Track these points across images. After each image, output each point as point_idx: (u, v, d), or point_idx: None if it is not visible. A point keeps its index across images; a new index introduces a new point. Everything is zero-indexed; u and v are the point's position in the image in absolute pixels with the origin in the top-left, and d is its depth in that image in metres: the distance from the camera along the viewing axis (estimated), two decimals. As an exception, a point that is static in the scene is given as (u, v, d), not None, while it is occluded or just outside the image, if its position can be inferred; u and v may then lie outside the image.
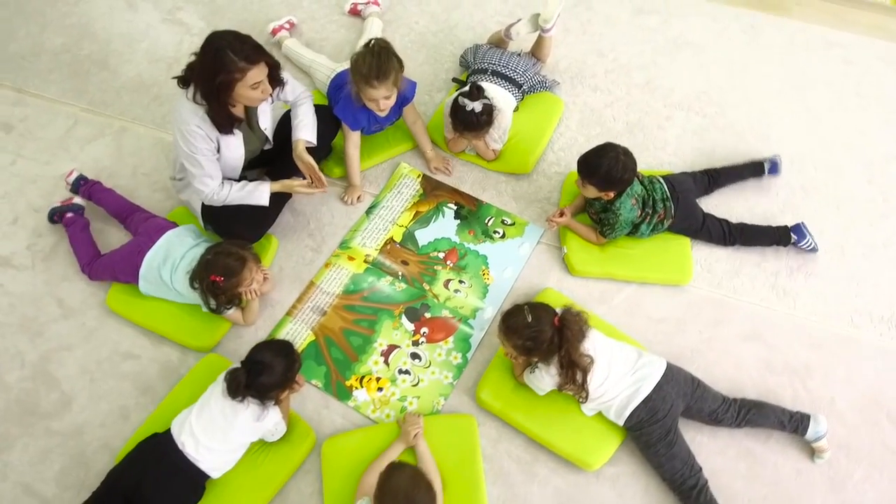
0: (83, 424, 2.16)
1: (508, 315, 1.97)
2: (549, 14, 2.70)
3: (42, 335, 2.33)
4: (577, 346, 1.89)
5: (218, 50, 1.93)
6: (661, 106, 2.87)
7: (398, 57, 2.33)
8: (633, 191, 2.28)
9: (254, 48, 1.98)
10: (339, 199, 2.60)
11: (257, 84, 2.01)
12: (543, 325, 1.90)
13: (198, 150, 2.12)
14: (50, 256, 2.50)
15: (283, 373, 1.90)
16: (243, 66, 1.95)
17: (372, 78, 2.25)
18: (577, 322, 1.90)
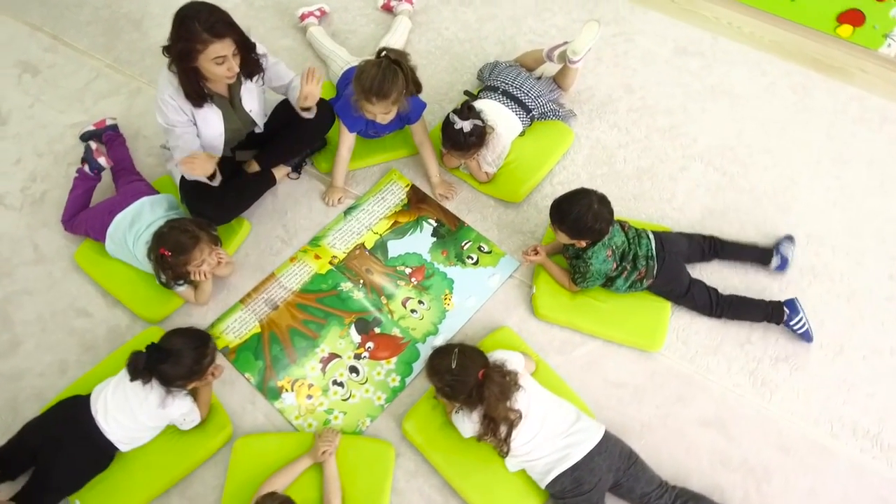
0: (24, 371, 2.20)
1: (436, 354, 1.88)
2: (578, 46, 2.55)
3: (10, 276, 2.40)
4: (496, 405, 1.77)
5: (184, 18, 1.91)
6: (680, 155, 2.67)
7: (408, 76, 2.25)
8: (610, 241, 2.12)
9: (223, 23, 1.95)
10: (320, 198, 2.55)
11: (221, 59, 1.97)
12: (466, 376, 1.79)
13: (171, 122, 2.12)
14: (39, 201, 2.57)
15: (189, 365, 1.86)
16: (206, 37, 1.91)
17: (371, 94, 2.20)
18: (501, 384, 1.78)
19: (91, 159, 2.49)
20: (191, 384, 1.92)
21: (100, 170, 2.51)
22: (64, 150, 2.71)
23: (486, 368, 1.80)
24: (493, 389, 1.76)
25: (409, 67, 2.25)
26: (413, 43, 3.02)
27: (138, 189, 2.41)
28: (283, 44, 3.03)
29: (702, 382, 2.16)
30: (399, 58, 2.23)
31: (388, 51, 2.24)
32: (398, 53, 2.25)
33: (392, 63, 2.20)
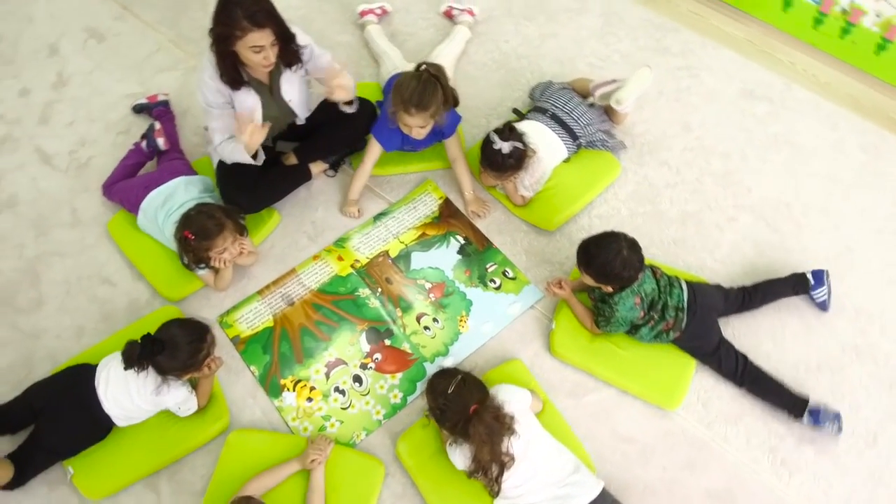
0: (43, 330, 2.26)
1: (440, 374, 1.83)
2: (624, 95, 2.45)
3: (46, 236, 2.46)
4: (480, 446, 1.71)
5: (227, 3, 1.92)
6: (730, 204, 2.52)
7: (446, 90, 2.22)
8: (639, 288, 2.01)
9: (265, 12, 1.94)
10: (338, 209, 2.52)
11: (258, 48, 1.97)
12: (458, 406, 1.74)
13: (209, 103, 2.13)
14: (84, 166, 2.64)
15: (184, 359, 1.86)
16: (246, 25, 1.91)
17: (410, 105, 2.16)
18: (489, 425, 1.70)
19: (150, 137, 2.53)
20: (186, 375, 1.92)
21: (156, 150, 2.54)
22: (116, 118, 2.77)
23: (480, 406, 1.73)
24: (479, 429, 1.70)
25: (447, 82, 2.22)
26: (469, 53, 2.96)
27: (177, 168, 2.43)
28: (340, 39, 3.02)
29: (716, 451, 2.03)
30: (437, 72, 2.19)
31: (427, 65, 2.21)
32: (436, 68, 2.21)
33: (431, 77, 2.17)
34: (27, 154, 2.67)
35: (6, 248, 2.43)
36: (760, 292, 2.18)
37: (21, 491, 1.93)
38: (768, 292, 2.19)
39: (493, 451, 1.72)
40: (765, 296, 2.18)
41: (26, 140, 2.71)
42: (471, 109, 2.78)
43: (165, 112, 2.70)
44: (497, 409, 1.75)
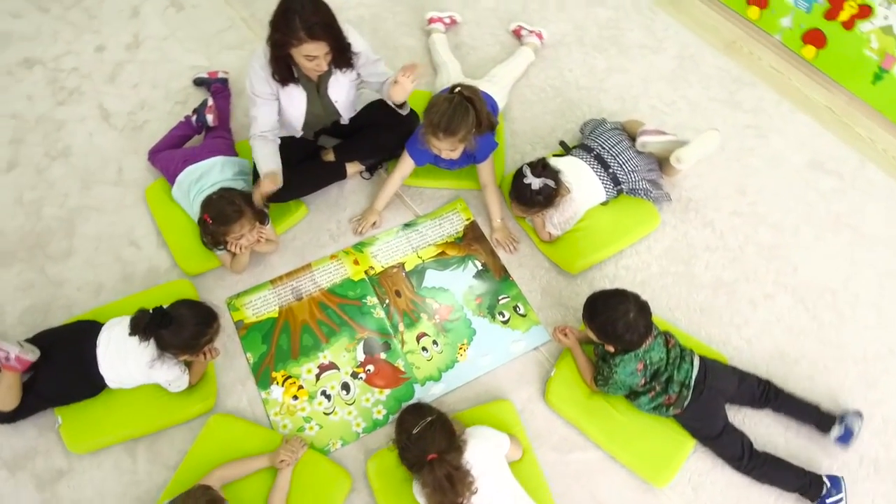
0: (66, 280, 2.36)
1: (412, 408, 1.79)
2: (686, 155, 2.31)
3: (89, 189, 2.57)
4: (430, 495, 1.65)
5: (288, 10, 1.93)
6: (771, 280, 2.35)
7: (480, 114, 2.16)
8: (645, 354, 1.91)
9: (322, 25, 1.95)
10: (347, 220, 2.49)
11: (312, 57, 2.00)
12: (418, 449, 1.69)
13: (256, 91, 2.15)
14: (138, 129, 2.74)
15: (187, 339, 1.89)
16: (302, 35, 1.93)
17: (438, 130, 2.13)
18: (438, 480, 1.63)
19: (201, 112, 2.60)
20: (183, 356, 1.96)
21: (204, 125, 2.61)
22: (177, 88, 2.86)
23: (439, 456, 1.66)
24: (428, 480, 1.64)
25: (482, 103, 2.16)
26: (530, 76, 2.89)
27: (218, 146, 2.49)
28: (405, 42, 3.01)
29: (697, 541, 1.91)
30: (472, 95, 2.14)
31: (462, 87, 2.16)
32: (471, 90, 2.16)
33: (465, 100, 2.12)
34: (90, 109, 2.80)
35: (52, 195, 2.56)
36: (781, 400, 2.02)
37: (12, 428, 2.03)
38: (788, 405, 2.03)
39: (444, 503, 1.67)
40: (782, 405, 2.02)
41: (92, 95, 2.84)
42: (518, 134, 2.72)
43: (222, 89, 2.77)
44: (454, 467, 1.66)
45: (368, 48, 2.24)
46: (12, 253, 2.41)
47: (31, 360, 1.90)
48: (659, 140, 2.34)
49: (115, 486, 1.98)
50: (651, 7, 3.15)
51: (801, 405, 2.03)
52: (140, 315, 1.90)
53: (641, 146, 2.38)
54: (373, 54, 2.26)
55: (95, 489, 1.97)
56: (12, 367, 1.87)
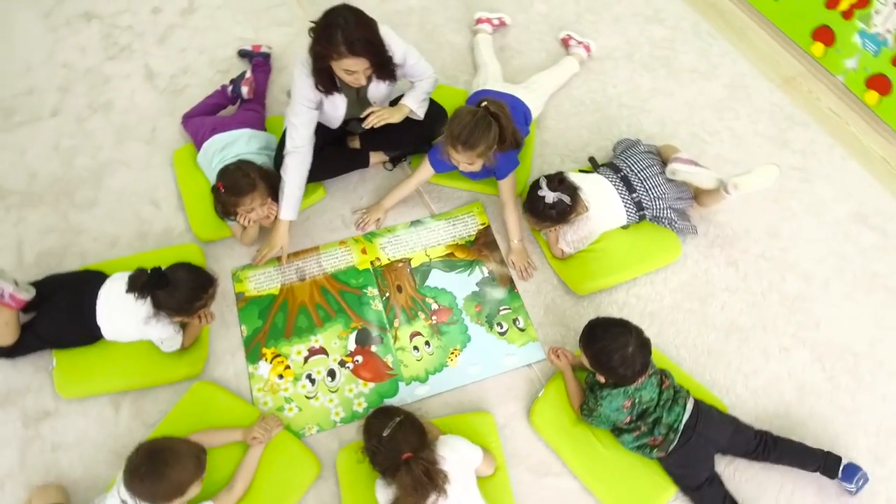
0: (85, 229, 2.42)
1: (378, 412, 1.76)
2: (746, 182, 2.17)
3: (122, 144, 2.64)
4: (403, 497, 1.62)
5: (330, 24, 1.91)
6: (790, 333, 2.22)
7: (505, 130, 2.12)
8: (635, 392, 1.82)
9: (364, 42, 1.93)
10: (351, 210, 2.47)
11: (351, 72, 1.99)
12: (391, 451, 1.66)
13: (300, 98, 2.12)
14: (178, 92, 2.80)
15: (181, 302, 1.91)
16: (342, 50, 1.91)
17: (458, 142, 2.10)
18: (417, 479, 1.60)
19: (237, 84, 2.63)
20: (177, 318, 1.98)
21: (238, 97, 2.64)
22: (221, 57, 2.91)
23: (415, 455, 1.63)
24: (405, 480, 1.61)
25: (509, 120, 2.11)
26: (572, 87, 2.81)
27: (248, 119, 2.51)
28: (450, 38, 2.98)
29: (662, 592, 1.81)
30: (499, 111, 2.10)
31: (489, 101, 2.11)
32: (498, 106, 2.11)
33: (489, 115, 2.08)
34: (137, 67, 2.88)
35: (87, 145, 2.64)
36: (780, 450, 1.89)
37: (11, 363, 2.10)
38: (789, 455, 1.89)
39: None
40: (783, 455, 1.89)
41: (141, 54, 2.92)
42: (549, 144, 2.65)
43: (263, 64, 2.80)
44: (431, 463, 1.64)
45: (409, 49, 2.19)
46: (41, 196, 2.50)
47: (26, 300, 1.96)
48: (689, 171, 2.24)
49: (95, 435, 2.02)
50: (711, 32, 3.01)
51: (803, 450, 1.89)
52: (138, 273, 1.94)
53: (671, 173, 2.27)
54: (413, 56, 2.21)
55: (77, 435, 2.02)
56: (7, 304, 1.93)
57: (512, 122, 2.14)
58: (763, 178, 2.19)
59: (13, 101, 2.75)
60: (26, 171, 2.56)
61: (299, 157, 2.21)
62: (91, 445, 2.01)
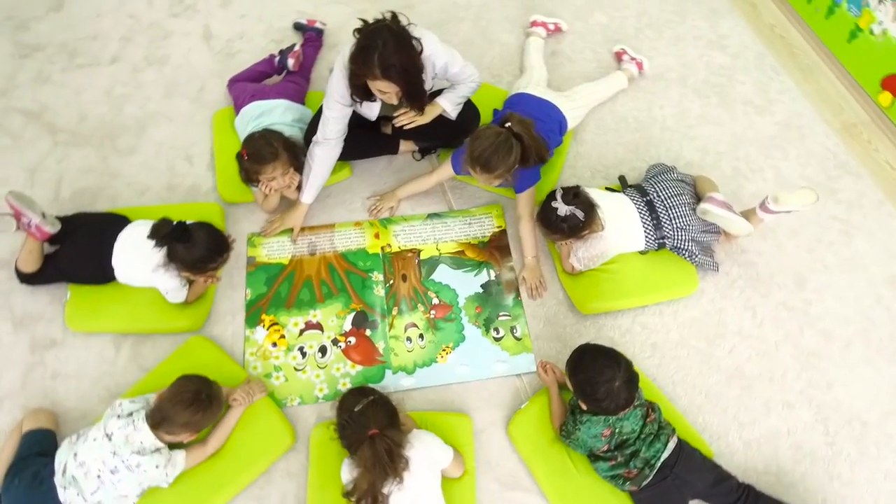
0: (121, 174, 2.53)
1: (355, 391, 1.79)
2: (786, 198, 2.11)
3: (170, 98, 2.74)
4: (363, 472, 1.62)
5: (366, 47, 1.90)
6: (797, 389, 2.11)
7: (527, 149, 2.09)
8: (616, 422, 1.77)
9: (399, 69, 1.92)
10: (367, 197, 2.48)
11: (384, 92, 2.00)
12: (359, 426, 1.67)
13: (335, 96, 2.12)
14: (230, 56, 2.88)
15: (193, 260, 1.98)
16: (377, 73, 1.92)
17: (476, 164, 2.09)
18: (379, 456, 1.60)
19: (285, 55, 2.69)
20: (185, 273, 2.05)
21: (283, 68, 2.70)
22: (277, 27, 2.97)
23: (380, 433, 1.63)
24: (367, 454, 1.61)
25: (533, 140, 2.08)
26: (617, 102, 2.74)
27: (288, 90, 2.56)
28: (503, 38, 2.95)
29: None
30: (523, 132, 2.07)
31: (514, 121, 2.08)
32: (524, 126, 2.08)
33: (513, 136, 2.06)
34: (197, 27, 2.97)
35: (138, 96, 2.75)
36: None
37: (31, 290, 2.22)
38: None
39: (372, 484, 1.64)
40: None
41: (203, 15, 3.02)
42: (582, 156, 2.60)
43: (315, 39, 2.84)
44: (395, 444, 1.64)
45: (452, 58, 2.15)
46: (87, 137, 2.62)
47: (50, 233, 2.06)
48: (721, 215, 2.14)
49: (93, 370, 2.12)
50: (775, 66, 2.88)
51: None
52: (163, 223, 2.01)
53: (702, 213, 2.19)
54: (455, 64, 2.16)
55: (76, 367, 2.12)
56: (32, 234, 2.04)
57: (538, 140, 2.11)
58: (803, 199, 2.11)
59: (78, 44, 2.89)
60: (78, 112, 2.69)
61: (327, 149, 2.24)
62: (88, 379, 2.10)
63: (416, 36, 2.02)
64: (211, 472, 1.90)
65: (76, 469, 1.77)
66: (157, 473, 1.80)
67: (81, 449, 1.79)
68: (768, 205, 2.15)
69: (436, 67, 2.13)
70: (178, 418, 1.79)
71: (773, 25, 2.92)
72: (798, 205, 2.12)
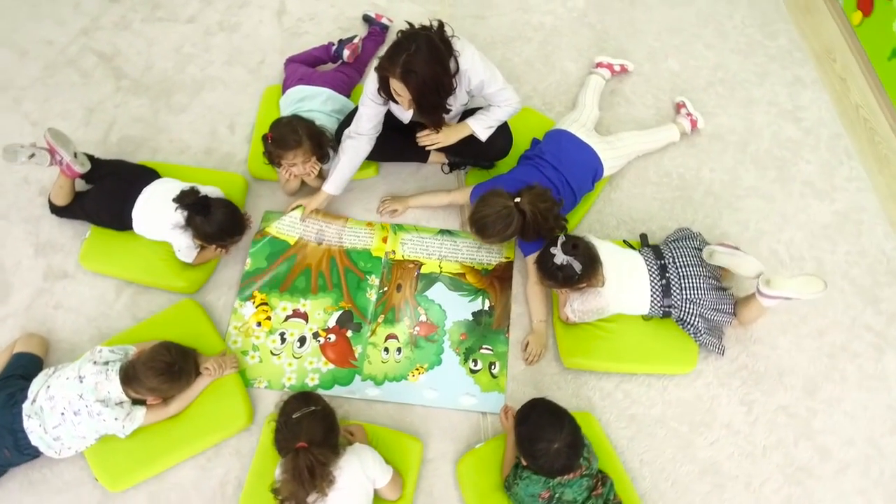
0: (166, 130, 2.64)
1: (301, 395, 1.77)
2: (780, 281, 1.96)
3: (229, 66, 2.83)
4: (285, 482, 1.63)
5: (399, 46, 1.89)
6: (775, 502, 1.95)
7: (528, 227, 2.07)
8: (557, 487, 1.70)
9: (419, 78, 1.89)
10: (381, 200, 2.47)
11: (398, 94, 1.99)
12: (290, 434, 1.68)
13: (369, 92, 2.13)
14: (295, 35, 2.94)
15: (207, 233, 2.10)
16: (397, 72, 1.89)
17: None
18: (298, 471, 1.60)
19: (342, 45, 2.73)
20: (197, 241, 2.14)
21: (338, 57, 2.74)
22: (349, 15, 3.01)
23: (308, 448, 1.63)
24: (289, 465, 1.62)
25: (539, 219, 2.04)
26: (665, 154, 2.61)
27: (336, 80, 2.59)
28: (565, 66, 2.87)
29: None
30: (533, 209, 2.03)
31: (525, 198, 2.04)
32: (534, 204, 2.03)
33: (517, 213, 2.04)
34: (274, 1, 3.05)
35: (200, 58, 2.86)
36: None
37: (59, 222, 2.37)
38: None
39: (294, 493, 1.65)
40: None
41: (281, -9, 3.10)
42: (613, 203, 2.49)
43: (378, 34, 2.86)
44: (321, 462, 1.63)
45: (491, 78, 2.10)
46: (147, 88, 2.76)
47: (79, 172, 2.18)
48: (727, 252, 2.04)
49: (91, 309, 2.24)
50: (849, 151, 2.65)
51: None
52: (190, 192, 2.12)
53: (708, 255, 2.08)
54: (493, 85, 2.12)
55: (77, 303, 2.24)
56: (63, 171, 2.17)
57: (545, 219, 2.05)
58: (805, 286, 1.94)
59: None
60: (146, 63, 2.84)
61: (357, 143, 2.25)
62: (85, 317, 2.22)
63: (456, 50, 1.99)
64: (166, 433, 1.97)
65: (45, 401, 1.88)
66: (114, 425, 1.88)
67: (55, 384, 1.90)
68: (759, 287, 1.99)
69: (471, 83, 2.09)
70: (147, 382, 1.87)
71: (860, 106, 2.69)
72: (796, 292, 1.94)
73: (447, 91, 1.99)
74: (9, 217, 2.42)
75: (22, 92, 2.73)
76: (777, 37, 2.97)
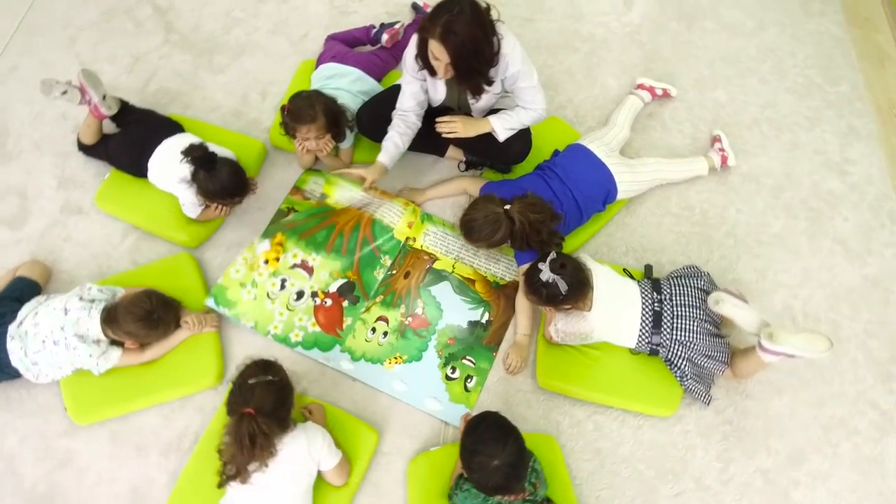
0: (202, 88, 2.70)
1: (266, 363, 1.76)
2: (783, 336, 1.83)
3: (273, 36, 2.87)
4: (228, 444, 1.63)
5: (442, 7, 1.86)
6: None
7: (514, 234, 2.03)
8: (491, 503, 1.65)
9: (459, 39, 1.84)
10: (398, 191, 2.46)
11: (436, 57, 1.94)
12: (240, 397, 1.68)
13: (407, 66, 2.11)
14: (344, 14, 2.95)
15: (208, 190, 2.12)
16: (437, 32, 1.85)
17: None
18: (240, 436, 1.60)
19: (382, 29, 2.73)
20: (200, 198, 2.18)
21: (377, 40, 2.74)
22: (398, 3, 2.97)
23: (253, 415, 1.62)
24: (232, 429, 1.62)
25: (528, 229, 1.99)
26: (692, 187, 2.49)
27: (369, 62, 2.59)
28: (606, 81, 2.78)
29: None
30: (522, 219, 1.98)
31: (516, 207, 1.99)
32: (527, 211, 1.98)
33: (506, 220, 1.99)
34: (325, -19, 3.08)
35: (249, 23, 2.90)
36: None
37: (84, 160, 2.46)
38: None
39: (233, 457, 1.66)
40: None
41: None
42: (626, 229, 2.40)
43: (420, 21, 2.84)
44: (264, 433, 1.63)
45: (526, 73, 2.05)
46: (192, 45, 2.83)
47: (105, 114, 2.26)
48: (737, 304, 1.92)
49: (96, 247, 2.32)
50: (893, 216, 2.46)
51: None
52: (199, 146, 2.15)
53: (714, 302, 1.96)
54: (526, 80, 2.07)
55: (85, 239, 2.33)
56: (91, 111, 2.25)
57: (535, 231, 1.99)
58: (809, 344, 1.81)
59: (222, -40, 3.11)
60: (196, 20, 2.91)
61: (400, 121, 2.23)
62: (89, 253, 2.31)
63: (500, 33, 1.95)
64: (138, 378, 2.03)
65: (31, 327, 1.96)
66: (88, 361, 1.94)
67: (42, 311, 1.98)
68: (762, 341, 1.87)
69: (508, 70, 2.03)
70: (124, 325, 1.92)
71: (916, 170, 2.50)
72: (800, 349, 1.82)
73: (487, 61, 1.94)
74: (42, 148, 2.53)
75: (78, 32, 2.85)
76: (839, 83, 2.78)
